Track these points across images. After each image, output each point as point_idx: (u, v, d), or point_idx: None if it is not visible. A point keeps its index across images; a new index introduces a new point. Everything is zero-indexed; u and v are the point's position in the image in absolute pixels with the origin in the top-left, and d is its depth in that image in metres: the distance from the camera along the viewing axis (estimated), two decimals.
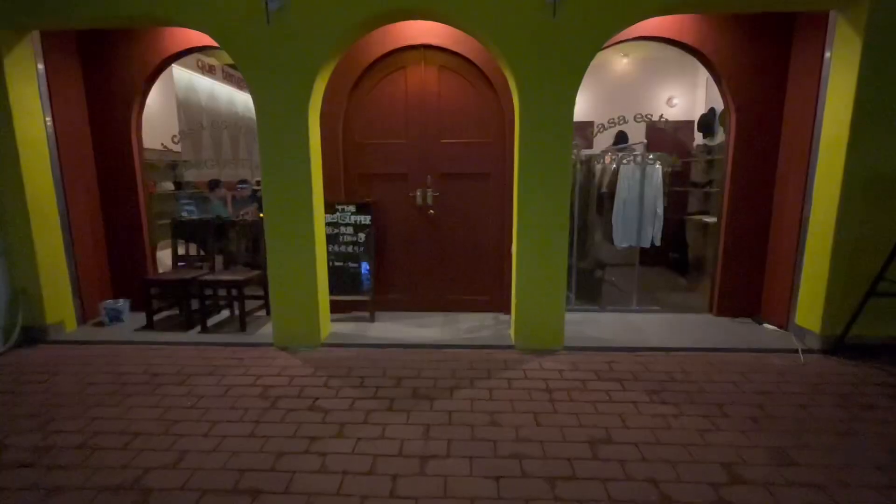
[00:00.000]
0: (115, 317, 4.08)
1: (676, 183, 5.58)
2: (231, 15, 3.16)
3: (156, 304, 4.07)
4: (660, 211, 4.36)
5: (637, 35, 3.77)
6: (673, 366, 3.15)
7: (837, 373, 3.04)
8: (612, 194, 4.48)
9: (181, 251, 4.37)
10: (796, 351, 3.37)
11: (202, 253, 4.46)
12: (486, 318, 4.18)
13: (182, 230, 4.37)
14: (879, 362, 3.19)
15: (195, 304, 4.02)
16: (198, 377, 3.01)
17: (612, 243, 4.54)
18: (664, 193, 4.39)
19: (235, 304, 4.21)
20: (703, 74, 5.74)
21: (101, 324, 4.07)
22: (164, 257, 4.74)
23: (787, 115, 3.80)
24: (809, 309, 3.49)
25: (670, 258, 5.83)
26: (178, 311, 4.33)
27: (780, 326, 3.83)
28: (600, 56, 3.22)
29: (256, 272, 4.11)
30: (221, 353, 3.40)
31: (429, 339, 3.68)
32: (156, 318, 4.04)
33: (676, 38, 3.80)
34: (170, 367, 3.16)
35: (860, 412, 2.54)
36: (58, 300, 3.77)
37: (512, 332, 3.64)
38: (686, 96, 6.54)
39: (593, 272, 4.59)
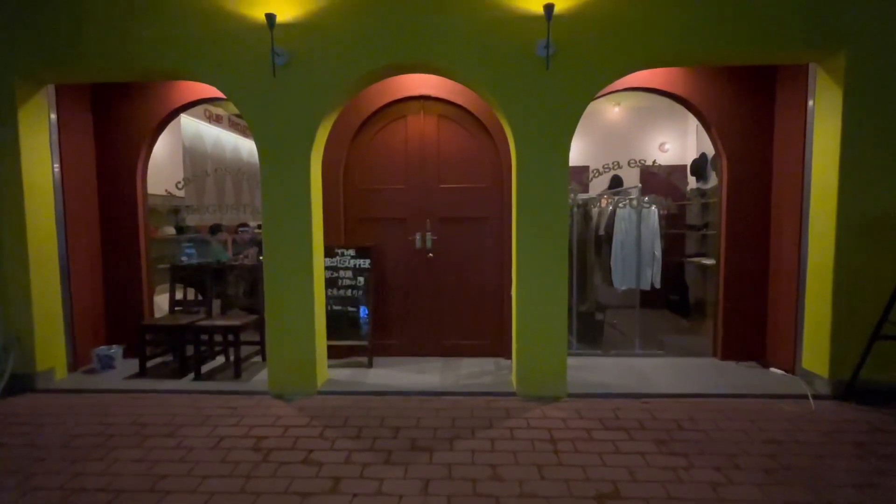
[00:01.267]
0: (107, 364, 3.99)
1: (673, 225, 5.65)
2: (239, 69, 3.31)
3: (150, 350, 4.00)
4: (658, 253, 4.39)
5: (627, 86, 3.94)
6: (680, 413, 3.05)
7: (851, 420, 2.94)
8: (609, 237, 4.52)
9: (179, 295, 4.34)
10: (806, 396, 3.27)
11: (200, 297, 4.43)
12: (487, 364, 4.09)
13: (181, 274, 4.37)
14: (893, 408, 3.09)
15: (190, 350, 3.94)
16: (188, 428, 2.90)
17: (612, 286, 4.53)
18: (661, 236, 4.44)
19: (231, 350, 4.12)
20: (693, 121, 5.95)
21: (92, 371, 3.98)
22: (162, 302, 4.70)
23: (776, 160, 3.90)
24: (816, 353, 3.43)
25: (671, 300, 5.80)
26: (172, 358, 4.24)
27: (786, 370, 3.75)
28: (594, 104, 3.36)
29: (254, 317, 4.06)
30: (214, 402, 3.30)
31: (428, 385, 3.59)
32: (149, 364, 3.95)
33: (665, 89, 3.97)
34: (160, 418, 3.05)
35: (880, 463, 2.43)
36: (50, 346, 3.70)
37: (513, 378, 3.55)
38: (677, 142, 6.75)
39: (594, 315, 4.54)
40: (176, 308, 4.30)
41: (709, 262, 4.72)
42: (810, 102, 3.49)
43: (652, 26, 3.17)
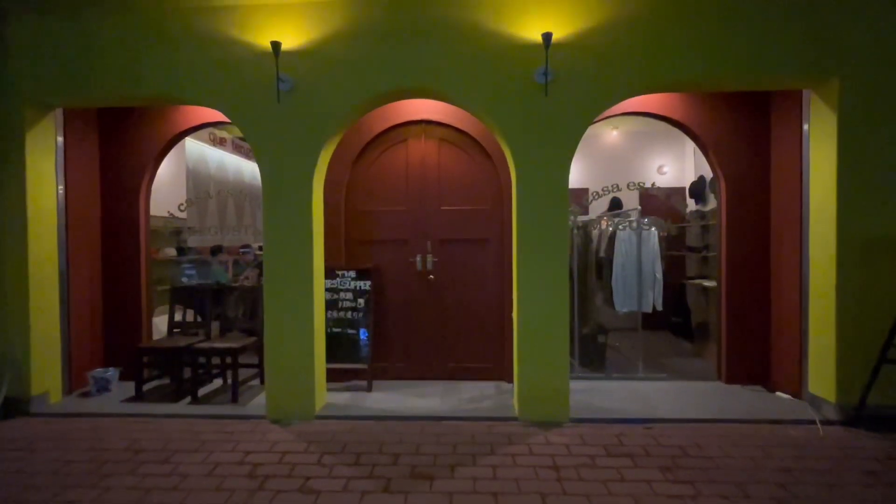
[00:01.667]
0: (103, 387, 3.94)
1: (673, 247, 5.65)
2: (244, 95, 3.38)
3: (147, 372, 3.95)
4: (658, 275, 4.38)
5: (625, 111, 4.01)
6: (685, 439, 2.99)
7: (861, 447, 2.88)
8: (610, 259, 4.51)
9: (178, 317, 4.31)
10: (813, 422, 3.21)
11: (199, 319, 4.40)
12: (488, 387, 4.03)
13: (180, 296, 4.35)
14: None
15: (187, 373, 3.89)
16: (183, 454, 2.83)
17: (614, 308, 4.50)
18: (661, 257, 4.44)
19: (229, 372, 4.07)
20: (691, 144, 6.03)
21: (87, 394, 3.92)
22: (161, 324, 4.67)
23: (774, 182, 3.93)
24: (822, 376, 3.38)
25: (673, 323, 5.75)
26: (169, 381, 4.19)
27: (793, 395, 3.69)
28: (592, 128, 3.42)
29: (252, 339, 4.03)
30: (211, 427, 3.24)
31: (428, 410, 3.52)
32: (146, 387, 3.90)
33: (662, 114, 4.04)
34: (155, 443, 2.99)
35: (892, 492, 2.36)
36: (46, 369, 3.66)
37: (515, 402, 3.50)
38: (675, 164, 6.82)
39: (596, 337, 4.50)
40: (174, 330, 4.27)
41: (710, 284, 4.70)
42: (805, 126, 3.54)
43: (647, 54, 3.25)
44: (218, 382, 4.18)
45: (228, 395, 3.82)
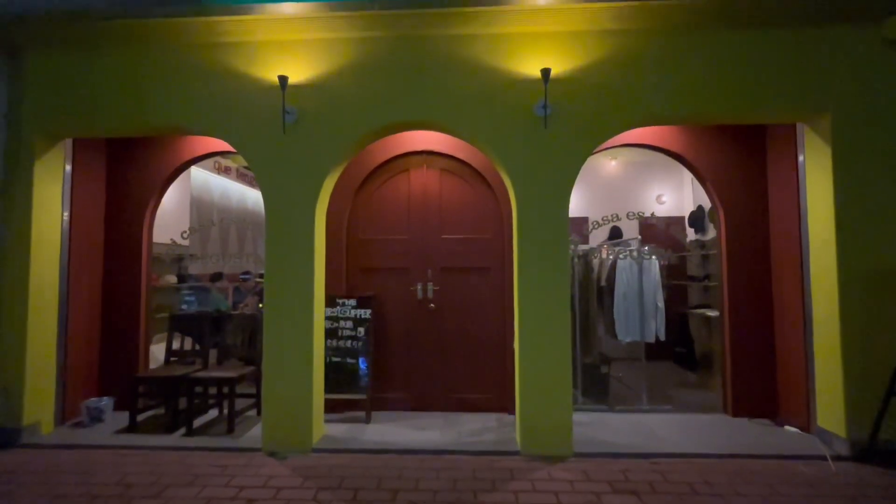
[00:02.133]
0: (96, 417, 3.86)
1: (674, 276, 5.64)
2: (251, 127, 3.46)
3: (142, 402, 3.88)
4: (660, 304, 4.36)
5: (623, 142, 4.09)
6: (693, 475, 2.90)
7: (874, 485, 2.78)
8: (611, 288, 4.50)
9: (176, 345, 4.26)
10: (824, 457, 3.12)
11: (197, 347, 4.36)
12: (489, 419, 3.94)
13: (179, 324, 4.32)
14: None
15: (183, 403, 3.82)
16: (175, 488, 2.75)
17: (616, 337, 4.46)
18: (663, 286, 4.42)
19: (225, 403, 3.99)
20: (689, 174, 6.12)
21: (80, 424, 3.84)
22: (158, 352, 4.61)
23: (772, 212, 3.97)
24: (830, 410, 3.31)
25: (677, 353, 5.68)
26: (164, 411, 4.10)
27: (802, 429, 3.60)
28: (591, 158, 3.49)
29: (250, 368, 3.97)
30: (205, 460, 3.15)
31: (428, 443, 3.44)
32: (140, 417, 3.82)
33: (659, 145, 4.12)
34: (146, 477, 2.90)
35: None
36: (39, 398, 3.60)
37: (517, 435, 3.42)
38: (674, 194, 6.90)
39: (599, 368, 4.44)
40: (171, 358, 4.21)
41: (713, 313, 4.67)
42: (800, 157, 3.60)
43: (643, 89, 3.34)
44: (214, 413, 4.10)
45: (224, 427, 3.74)
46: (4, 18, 3.24)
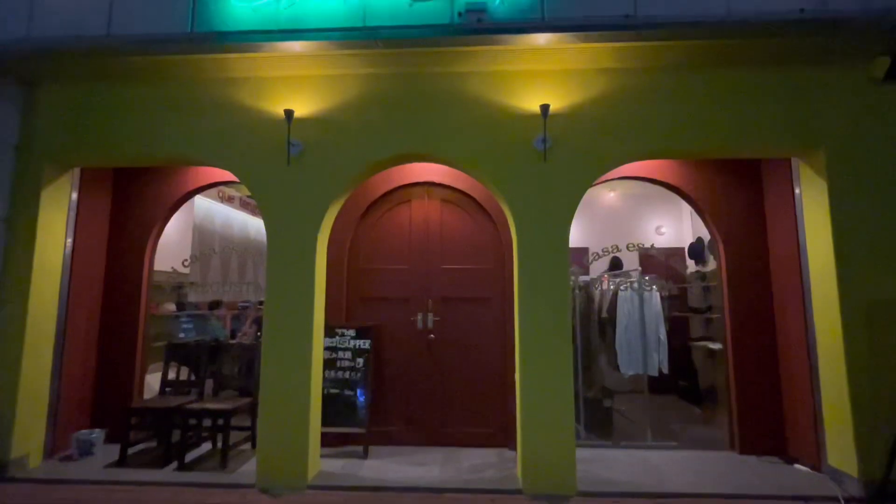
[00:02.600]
0: (86, 450, 3.75)
1: (676, 308, 5.61)
2: (256, 158, 3.53)
3: (134, 434, 3.78)
4: (663, 337, 4.31)
5: (622, 175, 4.16)
6: None
7: None
8: (612, 319, 4.47)
9: (172, 375, 4.20)
10: (836, 499, 3.02)
11: (193, 377, 4.29)
12: (490, 455, 3.83)
13: (176, 353, 4.26)
14: None
15: (176, 436, 3.72)
16: None
17: (618, 370, 4.39)
18: (665, 318, 4.39)
19: (219, 436, 3.89)
20: (687, 205, 6.18)
21: (69, 457, 3.73)
22: (154, 381, 4.54)
23: (772, 245, 3.98)
24: (841, 448, 3.23)
25: (680, 386, 5.57)
26: (156, 443, 4.00)
27: (812, 467, 3.49)
28: (591, 190, 3.54)
29: (246, 400, 3.90)
30: (196, 497, 3.05)
31: (427, 480, 3.33)
32: (132, 450, 3.72)
33: (657, 178, 4.18)
34: None
35: None
36: (29, 430, 3.52)
37: (519, 471, 3.32)
38: (673, 225, 6.94)
39: (602, 402, 4.35)
40: (166, 389, 4.14)
41: (715, 346, 4.61)
42: (797, 190, 3.65)
43: (640, 125, 3.42)
44: (207, 446, 3.99)
45: (218, 461, 3.63)
46: (23, 53, 3.35)
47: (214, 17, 3.33)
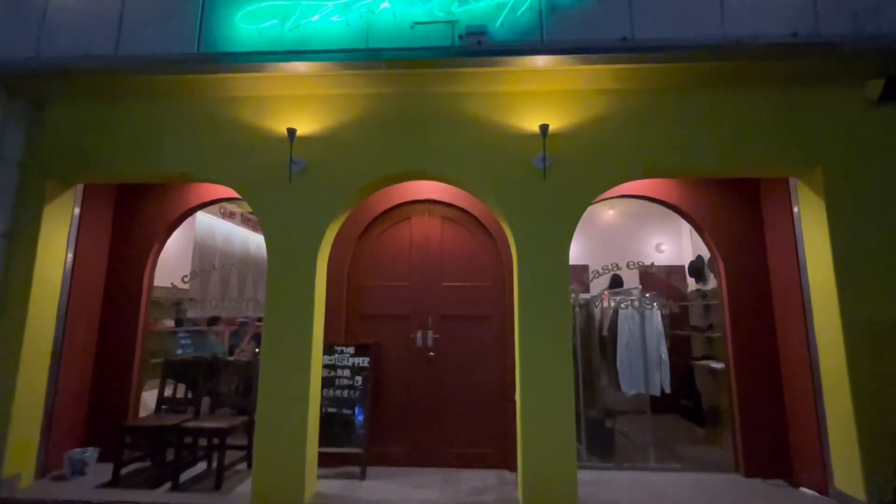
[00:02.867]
0: (78, 469, 3.69)
1: (677, 326, 5.57)
2: (258, 175, 3.56)
3: (128, 453, 3.72)
4: (664, 356, 4.28)
5: (621, 193, 4.18)
6: None
7: None
8: (613, 337, 4.44)
9: (169, 392, 4.15)
10: None
11: (190, 394, 4.24)
12: (490, 477, 3.76)
13: (173, 370, 4.22)
14: None
15: (171, 455, 3.66)
16: None
17: (620, 389, 4.34)
18: (666, 336, 4.36)
19: (215, 455, 3.83)
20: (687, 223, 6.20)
21: (62, 477, 3.66)
22: (149, 399, 4.48)
23: (772, 263, 3.98)
24: (847, 470, 3.17)
25: (683, 406, 5.50)
26: (150, 463, 3.93)
27: (819, 491, 3.42)
28: (590, 208, 3.56)
29: (242, 419, 3.84)
30: None
31: (426, 503, 3.26)
32: (125, 470, 3.65)
33: (656, 197, 4.21)
34: None
35: None
36: (22, 449, 3.46)
37: (519, 494, 3.25)
38: (673, 243, 6.95)
39: (603, 422, 4.29)
40: (162, 406, 4.09)
41: (718, 366, 4.57)
42: (795, 209, 3.67)
43: (639, 144, 3.46)
44: (202, 466, 3.92)
45: (212, 482, 3.56)
46: (32, 72, 3.41)
47: (220, 38, 3.39)
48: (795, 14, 3.20)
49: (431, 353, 4.12)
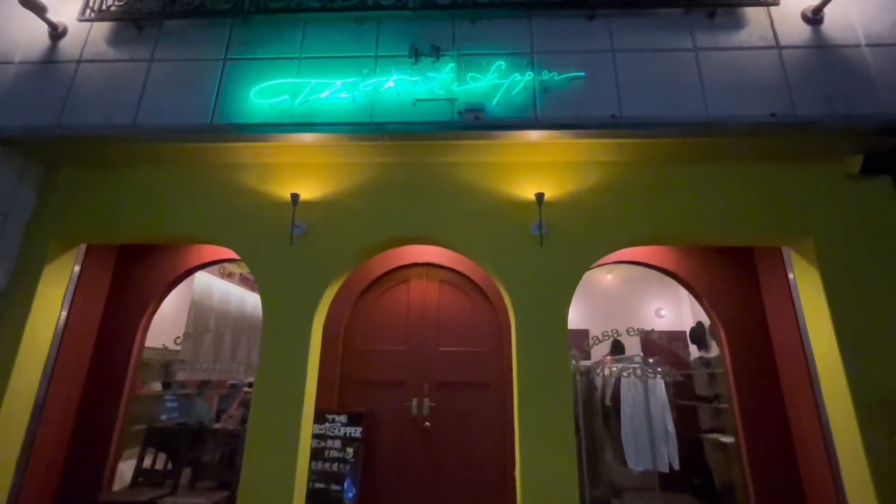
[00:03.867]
0: None
1: (682, 396, 5.39)
2: (260, 239, 3.61)
3: None
4: (671, 428, 4.10)
5: (618, 259, 4.23)
6: None
7: None
8: (616, 407, 4.28)
9: (148, 463, 3.92)
10: None
11: (171, 465, 3.99)
12: None
13: (154, 438, 4.03)
14: None
15: None
16: None
17: (625, 465, 4.11)
18: (672, 406, 4.20)
19: None
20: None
21: None
22: (127, 469, 4.22)
23: (773, 330, 3.94)
24: None
25: (694, 483, 5.17)
26: None
27: None
28: (588, 273, 3.58)
29: (224, 494, 3.60)
30: None
31: None
32: None
33: (652, 263, 4.25)
34: None
35: None
36: None
37: None
38: (672, 308, 6.91)
39: (609, 502, 4.01)
40: (139, 479, 3.84)
41: (727, 439, 4.36)
42: (791, 276, 3.68)
43: (633, 213, 3.55)
44: None
45: None
46: (54, 139, 3.56)
47: (234, 111, 3.59)
48: (772, 95, 3.42)
49: (427, 423, 3.95)
